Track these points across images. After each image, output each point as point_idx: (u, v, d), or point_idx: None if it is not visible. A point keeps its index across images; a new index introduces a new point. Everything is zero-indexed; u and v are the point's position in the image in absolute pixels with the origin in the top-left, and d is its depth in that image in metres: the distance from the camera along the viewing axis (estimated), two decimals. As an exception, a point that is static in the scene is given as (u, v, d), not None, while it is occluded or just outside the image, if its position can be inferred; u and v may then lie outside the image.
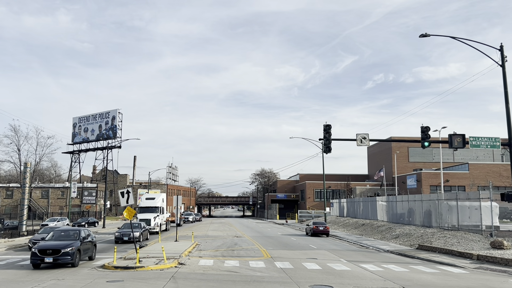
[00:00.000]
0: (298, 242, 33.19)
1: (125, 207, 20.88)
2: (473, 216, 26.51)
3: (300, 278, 15.89)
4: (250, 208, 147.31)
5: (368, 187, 76.47)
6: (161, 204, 43.46)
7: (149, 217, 39.25)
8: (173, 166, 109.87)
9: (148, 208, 41.75)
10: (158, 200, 43.33)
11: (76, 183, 71.49)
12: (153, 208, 41.80)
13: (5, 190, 78.98)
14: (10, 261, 21.35)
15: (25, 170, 38.93)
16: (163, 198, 45.71)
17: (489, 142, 24.20)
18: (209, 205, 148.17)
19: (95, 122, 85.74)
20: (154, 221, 39.75)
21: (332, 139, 25.77)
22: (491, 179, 42.28)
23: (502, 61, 22.51)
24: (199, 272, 17.25)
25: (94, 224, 56.05)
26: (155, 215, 40.67)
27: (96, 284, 14.55)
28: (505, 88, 22.40)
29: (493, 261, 19.84)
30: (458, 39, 23.44)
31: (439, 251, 24.08)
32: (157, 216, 40.91)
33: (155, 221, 40.02)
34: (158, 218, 41.14)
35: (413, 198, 35.78)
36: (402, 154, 75.48)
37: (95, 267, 18.55)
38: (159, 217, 41.44)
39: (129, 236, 29.13)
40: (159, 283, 14.63)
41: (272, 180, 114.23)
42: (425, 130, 25.19)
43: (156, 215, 40.67)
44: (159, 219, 41.36)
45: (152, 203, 42.54)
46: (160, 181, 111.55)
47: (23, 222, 38.07)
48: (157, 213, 41.40)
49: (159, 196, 44.54)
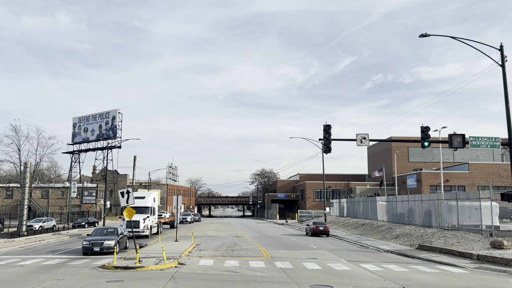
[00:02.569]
0: (298, 242, 33.19)
1: (124, 207, 20.86)
2: (473, 216, 26.50)
3: (300, 278, 15.88)
4: (250, 208, 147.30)
5: (368, 187, 76.46)
6: (152, 203, 38.20)
7: (137, 219, 34.29)
8: (173, 166, 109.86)
9: (136, 209, 34.80)
10: (149, 200, 37.90)
11: (76, 183, 71.47)
12: (143, 209, 36.18)
13: (5, 190, 78.95)
14: (10, 261, 21.35)
15: (25, 170, 38.92)
16: (155, 197, 40.32)
17: (489, 142, 24.18)
18: (209, 205, 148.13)
19: (95, 122, 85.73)
20: (143, 223, 35.26)
21: (332, 139, 25.76)
22: (491, 179, 42.22)
23: (502, 61, 22.50)
24: (199, 272, 17.24)
25: (94, 224, 55.35)
26: (145, 216, 35.87)
27: (96, 284, 14.55)
28: (505, 88, 22.39)
29: (493, 261, 19.82)
30: (458, 39, 23.44)
31: (439, 251, 24.07)
32: (147, 218, 36.14)
33: (144, 223, 35.39)
34: (148, 220, 36.31)
35: (413, 198, 35.77)
36: (402, 154, 75.47)
37: (95, 267, 18.55)
38: (149, 219, 36.57)
39: (102, 246, 23.16)
40: (159, 283, 14.63)
41: (272, 180, 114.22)
42: (425, 130, 25.17)
43: (146, 216, 35.93)
44: (149, 221, 36.47)
45: (142, 203, 36.55)
46: (160, 181, 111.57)
47: (23, 222, 38.04)
48: (147, 214, 36.52)
49: (150, 195, 39.13)
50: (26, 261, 21.06)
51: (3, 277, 16.23)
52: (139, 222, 34.71)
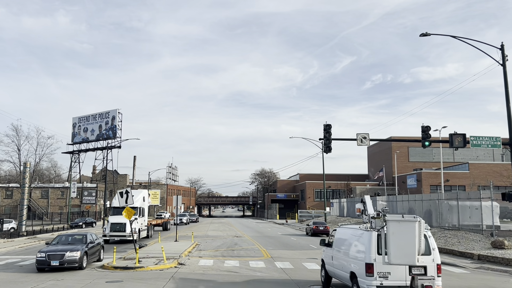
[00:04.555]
0: (298, 242, 33.13)
1: (123, 208, 20.76)
2: (473, 215, 26.41)
3: (301, 278, 15.81)
4: (250, 208, 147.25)
5: (368, 187, 76.38)
6: (141, 203, 33.76)
7: (123, 221, 30.15)
8: (173, 166, 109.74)
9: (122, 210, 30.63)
10: (138, 199, 32.87)
11: (76, 183, 71.36)
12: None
13: (5, 190, 78.86)
14: (9, 261, 21.28)
15: (25, 170, 38.84)
16: (144, 197, 35.45)
17: (490, 141, 24.09)
18: (209, 205, 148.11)
19: (95, 122, 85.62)
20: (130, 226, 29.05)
21: (332, 138, 25.68)
22: (491, 179, 42.10)
23: (503, 60, 22.40)
24: (199, 272, 17.17)
25: (92, 224, 54.40)
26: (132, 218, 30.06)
27: (95, 285, 14.48)
28: (506, 87, 22.29)
29: (494, 261, 19.75)
30: (458, 38, 23.36)
31: (440, 251, 23.70)
32: (135, 220, 30.12)
33: (131, 226, 28.89)
34: (136, 222, 30.60)
35: (414, 198, 35.68)
36: (402, 154, 75.39)
37: (95, 267, 18.48)
38: (137, 221, 31.18)
39: (62, 260, 17.48)
40: (158, 284, 14.56)
41: (272, 180, 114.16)
42: (426, 129, 25.09)
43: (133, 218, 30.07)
44: (137, 224, 30.98)
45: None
46: (160, 181, 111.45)
47: (23, 222, 37.97)
48: (135, 215, 30.16)
49: (139, 194, 34.15)
50: (26, 262, 20.99)
51: (3, 277, 16.17)
52: (125, 225, 30.47)
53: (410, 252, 9.91)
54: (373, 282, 10.47)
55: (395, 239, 9.93)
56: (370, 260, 10.56)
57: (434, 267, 10.60)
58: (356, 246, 11.59)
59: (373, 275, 10.49)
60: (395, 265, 10.16)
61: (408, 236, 9.95)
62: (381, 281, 10.48)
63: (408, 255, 9.90)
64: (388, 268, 10.42)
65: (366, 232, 11.13)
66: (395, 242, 9.92)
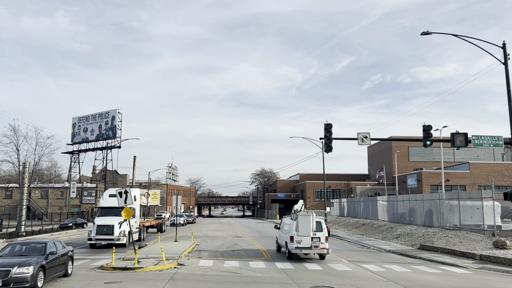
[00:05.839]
0: (298, 242, 32.94)
1: (122, 208, 20.61)
2: (475, 215, 26.26)
3: (301, 279, 15.67)
4: (250, 208, 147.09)
5: (368, 186, 76.23)
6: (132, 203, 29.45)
7: (111, 223, 27.28)
8: (172, 166, 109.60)
9: (111, 210, 28.49)
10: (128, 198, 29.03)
11: (75, 183, 71.27)
12: (119, 210, 26.34)
13: (4, 190, 78.73)
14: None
15: (24, 170, 38.65)
16: (135, 196, 31.22)
17: (491, 141, 23.95)
18: (209, 205, 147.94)
19: (94, 122, 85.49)
20: (119, 228, 27.42)
21: (333, 138, 25.59)
22: (492, 179, 42.00)
23: (504, 58, 22.26)
24: (198, 273, 17.04)
25: (83, 225, 50.02)
26: (121, 219, 26.86)
27: (94, 285, 14.35)
28: (508, 86, 22.16)
29: (496, 261, 19.60)
30: (460, 36, 23.23)
31: (441, 251, 23.85)
32: (124, 222, 26.91)
33: (120, 228, 27.50)
34: (126, 225, 27.34)
35: (414, 198, 35.52)
36: (403, 153, 75.26)
37: (94, 268, 18.35)
38: (126, 223, 26.47)
39: (6, 278, 12.72)
40: (158, 284, 14.42)
41: (272, 180, 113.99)
42: (427, 128, 24.97)
43: (122, 220, 26.98)
44: (126, 226, 27.25)
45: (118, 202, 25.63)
46: (160, 181, 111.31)
47: (22, 222, 37.80)
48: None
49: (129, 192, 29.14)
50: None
51: (0, 278, 15.99)
52: (113, 227, 27.21)
53: (308, 229, 20.31)
54: (293, 245, 20.32)
55: (301, 223, 20.45)
56: (292, 234, 20.46)
57: (324, 237, 20.44)
58: (287, 228, 21.70)
59: (294, 242, 20.34)
60: (302, 236, 20.22)
61: (307, 222, 20.42)
62: (297, 245, 20.26)
63: (307, 231, 20.30)
64: (300, 238, 20.25)
65: (291, 220, 21.41)
66: (301, 225, 20.42)
